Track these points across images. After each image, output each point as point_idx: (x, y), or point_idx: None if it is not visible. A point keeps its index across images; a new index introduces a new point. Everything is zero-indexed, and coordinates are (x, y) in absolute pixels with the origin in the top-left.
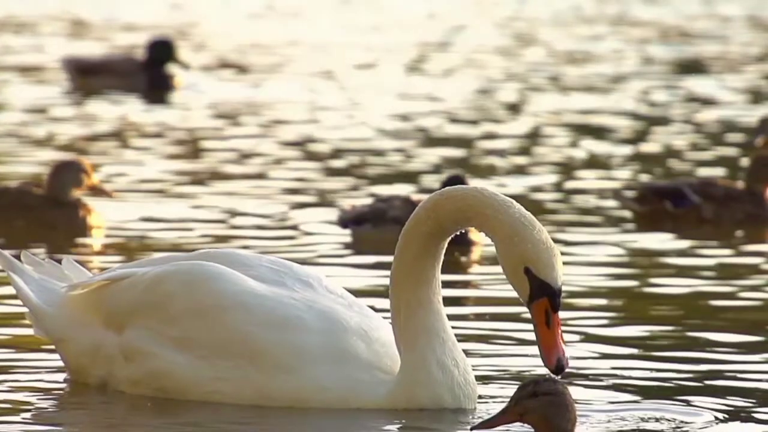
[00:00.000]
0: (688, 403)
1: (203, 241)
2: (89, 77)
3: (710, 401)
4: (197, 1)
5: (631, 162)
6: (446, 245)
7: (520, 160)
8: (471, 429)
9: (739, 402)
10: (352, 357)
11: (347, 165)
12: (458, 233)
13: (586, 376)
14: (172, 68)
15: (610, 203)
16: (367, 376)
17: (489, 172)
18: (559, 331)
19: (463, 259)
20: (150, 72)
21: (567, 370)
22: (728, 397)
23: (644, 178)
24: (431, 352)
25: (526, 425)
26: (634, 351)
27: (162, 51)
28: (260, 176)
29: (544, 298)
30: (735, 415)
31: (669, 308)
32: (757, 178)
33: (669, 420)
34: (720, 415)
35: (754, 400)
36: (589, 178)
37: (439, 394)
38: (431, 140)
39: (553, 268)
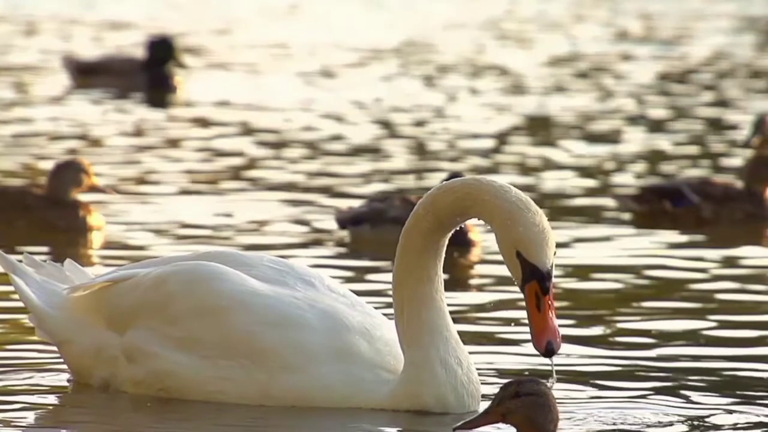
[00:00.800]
0: (688, 400)
1: (201, 242)
2: (89, 77)
3: (709, 400)
4: (191, 1)
5: (629, 162)
6: (446, 242)
7: (517, 159)
8: (453, 429)
9: (737, 399)
10: (355, 356)
11: (343, 165)
12: (458, 229)
13: (583, 375)
14: (172, 68)
15: (609, 203)
16: (371, 375)
17: (482, 172)
18: (551, 314)
19: (462, 259)
20: (150, 71)
21: (559, 354)
22: (727, 395)
23: (643, 177)
24: (434, 351)
25: (508, 425)
26: (632, 349)
27: (162, 50)
28: (258, 176)
29: (534, 282)
30: (733, 411)
31: (667, 307)
32: (756, 178)
33: (668, 418)
34: (718, 412)
35: (753, 398)
36: (587, 178)
37: (442, 392)
38: (426, 140)
39: (542, 251)
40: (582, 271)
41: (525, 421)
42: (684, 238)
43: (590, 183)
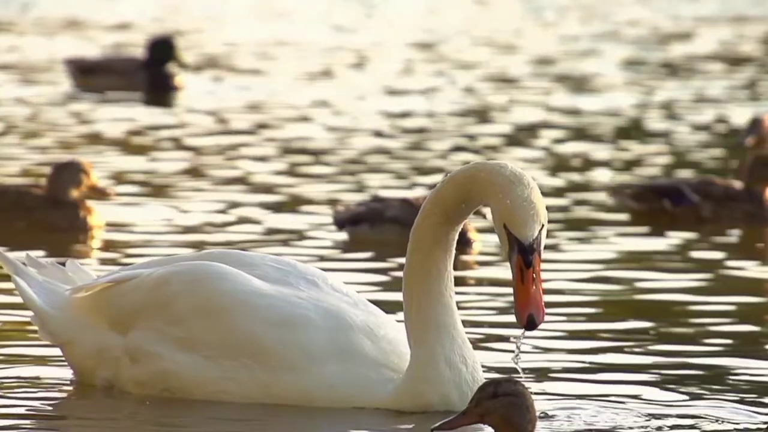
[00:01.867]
0: (685, 399)
1: (201, 242)
2: (90, 77)
3: (707, 398)
4: (186, 1)
5: (627, 161)
6: (456, 237)
7: (514, 159)
8: (431, 429)
9: (735, 398)
10: (359, 355)
11: (338, 165)
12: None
13: (580, 372)
14: (173, 68)
15: (609, 201)
16: (375, 374)
17: None
18: (533, 288)
19: (461, 259)
20: (150, 71)
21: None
22: (724, 394)
23: (641, 177)
24: (440, 348)
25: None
26: (631, 349)
27: (163, 50)
28: (254, 176)
29: (518, 255)
30: (732, 410)
31: (666, 307)
32: (755, 177)
33: (669, 416)
34: (717, 411)
35: (752, 396)
36: (586, 177)
37: (446, 391)
38: (423, 140)
39: (525, 225)
40: (580, 270)
41: (503, 422)
42: (683, 238)
43: (590, 182)
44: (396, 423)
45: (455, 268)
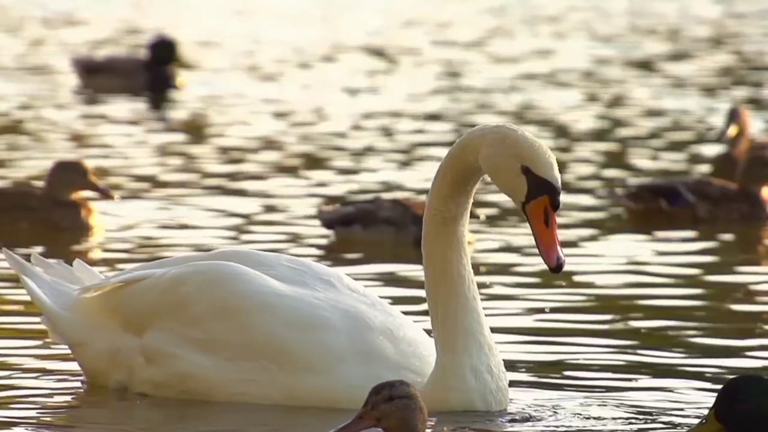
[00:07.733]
0: (680, 396)
1: (198, 242)
2: (95, 76)
3: (705, 397)
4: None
5: (621, 160)
6: (465, 232)
7: None
8: None
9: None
10: (379, 356)
11: (329, 164)
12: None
13: (578, 370)
14: (174, 68)
15: (604, 201)
16: (395, 376)
17: None
18: (556, 231)
19: None
20: (152, 71)
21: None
22: (713, 396)
23: (638, 176)
24: (467, 357)
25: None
26: (627, 348)
27: (165, 51)
28: (254, 177)
29: (544, 197)
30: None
31: (662, 307)
32: (751, 178)
33: (653, 417)
34: (700, 413)
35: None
36: (582, 176)
37: (470, 399)
38: (405, 138)
39: (552, 167)
40: (577, 270)
41: (400, 424)
42: (679, 237)
43: (587, 181)
44: None
45: None
